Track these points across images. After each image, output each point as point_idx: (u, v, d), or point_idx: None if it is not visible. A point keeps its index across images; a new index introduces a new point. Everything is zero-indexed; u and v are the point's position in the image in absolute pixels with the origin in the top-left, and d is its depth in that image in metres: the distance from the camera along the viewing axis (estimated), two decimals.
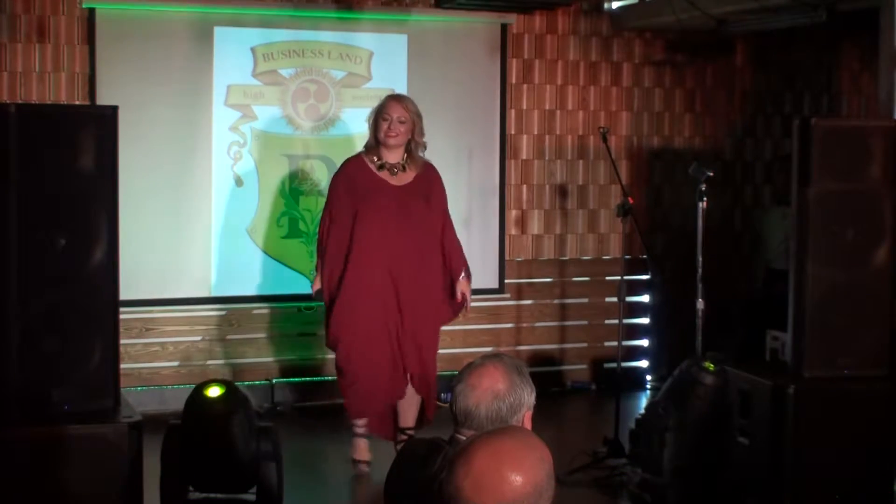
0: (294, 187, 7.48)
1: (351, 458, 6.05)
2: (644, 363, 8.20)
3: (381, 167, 5.96)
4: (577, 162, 8.14)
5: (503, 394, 2.73)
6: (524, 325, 8.06)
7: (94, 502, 4.63)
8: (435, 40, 7.74)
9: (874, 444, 5.33)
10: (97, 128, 4.79)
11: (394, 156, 5.96)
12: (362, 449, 6.03)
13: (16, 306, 4.66)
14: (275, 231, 7.48)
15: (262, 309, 7.47)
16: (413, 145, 5.97)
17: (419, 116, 6.00)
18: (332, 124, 7.53)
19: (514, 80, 7.93)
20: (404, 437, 5.87)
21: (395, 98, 6.07)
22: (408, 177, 5.98)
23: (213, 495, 4.96)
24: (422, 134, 6.01)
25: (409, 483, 2.80)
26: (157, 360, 7.27)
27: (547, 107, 8.04)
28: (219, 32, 7.27)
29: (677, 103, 8.35)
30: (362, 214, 5.87)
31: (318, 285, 6.00)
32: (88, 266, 4.76)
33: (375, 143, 5.96)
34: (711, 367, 5.54)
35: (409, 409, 6.02)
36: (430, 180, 6.05)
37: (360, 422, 6.02)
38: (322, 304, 6.13)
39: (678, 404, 5.53)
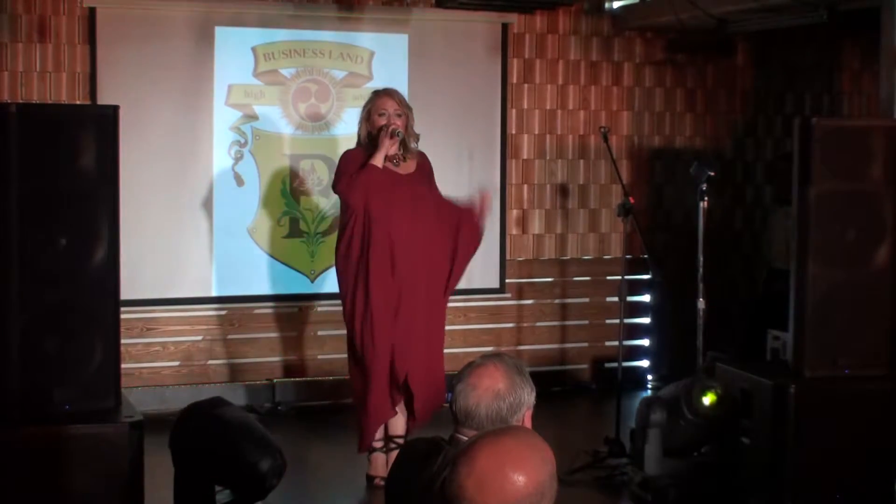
0: (295, 187, 7.48)
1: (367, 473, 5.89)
2: (645, 363, 8.20)
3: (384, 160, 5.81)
4: (578, 161, 8.13)
5: (503, 393, 2.73)
6: (525, 324, 8.06)
7: (95, 502, 4.63)
8: (436, 40, 7.73)
9: (875, 443, 5.32)
10: (98, 128, 4.79)
11: (391, 149, 5.81)
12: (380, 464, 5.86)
13: (17, 306, 4.65)
14: (276, 231, 7.48)
15: (262, 309, 7.46)
16: (407, 137, 5.85)
17: (409, 108, 5.91)
18: (333, 124, 7.53)
19: (514, 80, 7.93)
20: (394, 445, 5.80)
21: (386, 93, 5.91)
22: (410, 166, 5.86)
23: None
24: (413, 124, 5.92)
25: (409, 483, 2.80)
26: (158, 360, 7.27)
27: (548, 106, 8.04)
28: (220, 32, 7.27)
29: (678, 103, 8.35)
30: (386, 208, 5.69)
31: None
32: (89, 266, 4.76)
33: (370, 141, 5.82)
34: (713, 398, 5.44)
35: (398, 416, 5.86)
36: (426, 168, 5.94)
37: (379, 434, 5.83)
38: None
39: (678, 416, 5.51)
